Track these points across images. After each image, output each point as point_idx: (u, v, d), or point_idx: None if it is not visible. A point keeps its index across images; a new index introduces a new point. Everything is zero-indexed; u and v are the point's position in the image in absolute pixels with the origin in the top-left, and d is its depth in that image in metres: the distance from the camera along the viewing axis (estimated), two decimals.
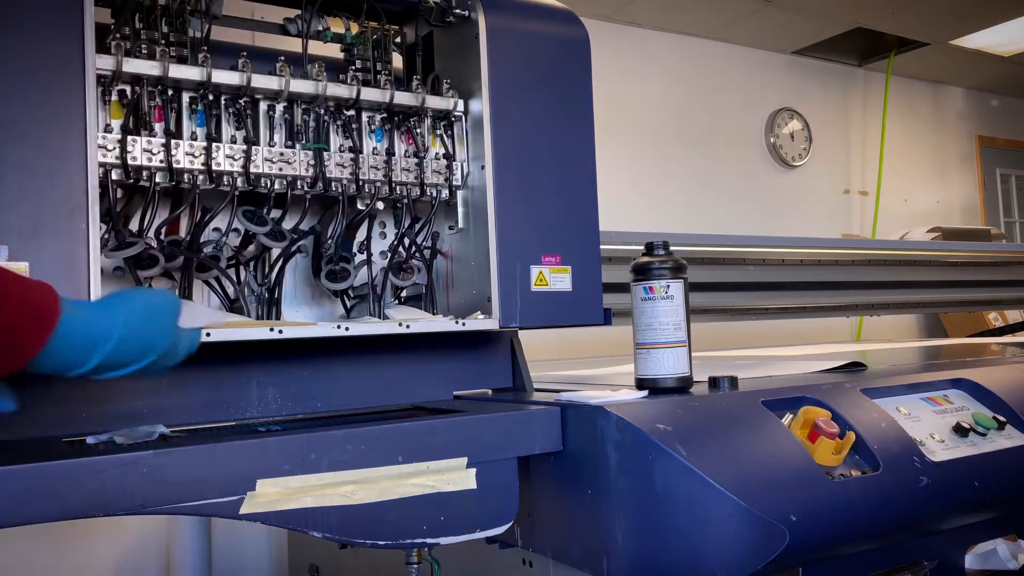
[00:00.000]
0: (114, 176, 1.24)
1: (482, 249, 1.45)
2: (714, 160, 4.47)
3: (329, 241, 1.44)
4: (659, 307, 1.34)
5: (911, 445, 1.29)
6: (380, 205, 1.54)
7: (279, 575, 2.47)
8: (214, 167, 1.29)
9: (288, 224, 1.41)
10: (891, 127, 5.22)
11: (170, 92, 1.29)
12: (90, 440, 1.13)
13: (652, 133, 4.25)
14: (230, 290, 1.40)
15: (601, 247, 1.55)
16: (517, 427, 1.27)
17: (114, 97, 1.24)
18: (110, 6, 1.29)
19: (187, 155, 1.28)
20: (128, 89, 1.26)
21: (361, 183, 1.41)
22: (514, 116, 1.47)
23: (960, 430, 1.37)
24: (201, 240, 1.34)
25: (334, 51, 1.53)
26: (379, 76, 1.48)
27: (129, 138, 1.23)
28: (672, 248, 1.39)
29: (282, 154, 1.35)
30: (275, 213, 1.38)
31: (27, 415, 1.24)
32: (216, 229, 1.40)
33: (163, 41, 1.31)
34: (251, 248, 1.42)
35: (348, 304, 1.52)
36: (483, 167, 1.46)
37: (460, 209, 1.52)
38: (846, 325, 4.58)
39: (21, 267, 1.06)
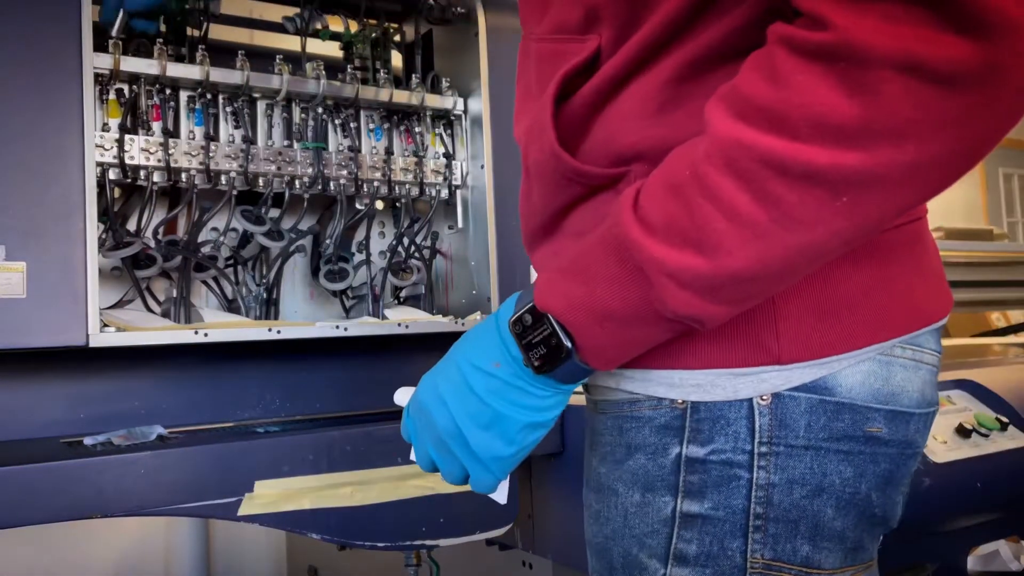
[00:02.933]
0: (111, 175, 1.23)
1: (482, 249, 1.45)
2: None
3: (328, 241, 1.43)
4: None
5: None
6: (379, 205, 1.53)
7: None
8: (212, 166, 1.29)
9: (287, 224, 1.41)
10: None
11: (168, 91, 1.28)
12: (88, 441, 1.13)
13: None
14: (228, 290, 1.39)
15: None
16: None
17: (112, 96, 1.24)
18: None
19: (185, 154, 1.27)
20: (126, 88, 1.25)
21: (360, 182, 1.41)
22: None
23: (962, 431, 1.37)
24: (199, 240, 1.33)
25: (333, 49, 1.52)
26: (378, 75, 1.47)
27: (127, 137, 1.22)
28: None
29: (280, 153, 1.34)
30: (273, 212, 1.38)
31: (25, 416, 1.24)
32: (214, 229, 1.39)
33: (161, 40, 1.30)
34: (249, 248, 1.42)
35: (347, 304, 1.52)
36: (482, 166, 1.45)
37: (459, 209, 1.51)
38: None
39: (18, 267, 1.05)
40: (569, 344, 0.60)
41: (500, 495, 0.72)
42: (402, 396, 0.75)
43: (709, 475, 0.64)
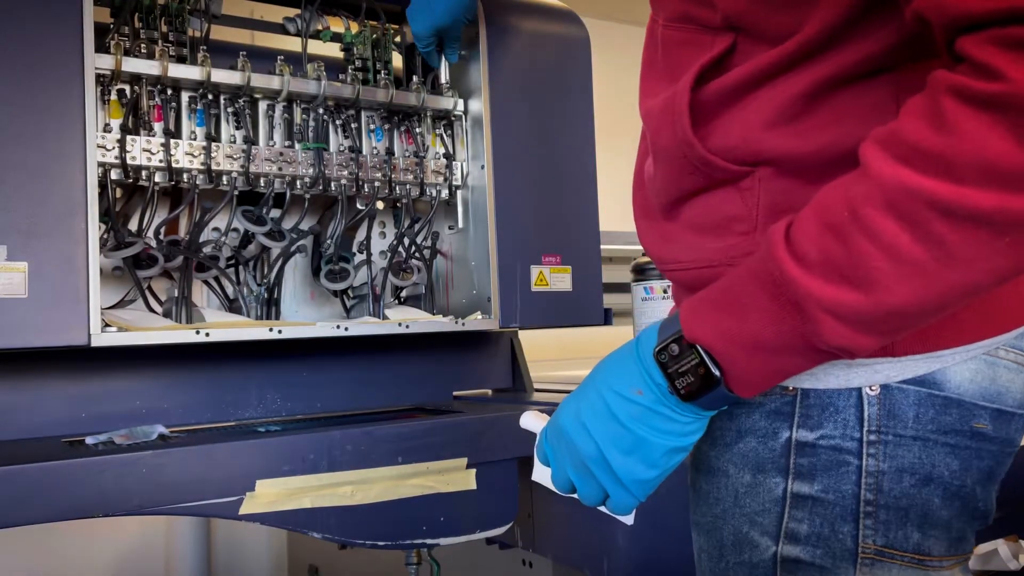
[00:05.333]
0: (113, 176, 1.24)
1: (482, 249, 1.45)
2: None
3: (329, 241, 1.43)
4: (659, 307, 1.34)
5: None
6: (380, 205, 1.54)
7: None
8: (213, 167, 1.29)
9: (288, 224, 1.41)
10: None
11: (169, 91, 1.29)
12: (89, 440, 1.13)
13: None
14: (229, 290, 1.39)
15: (601, 247, 1.55)
16: (517, 427, 1.26)
17: (113, 96, 1.24)
18: (109, 5, 1.29)
19: (186, 155, 1.28)
20: (127, 88, 1.25)
21: (361, 183, 1.41)
22: (514, 116, 1.47)
23: None
24: (200, 240, 1.33)
25: (333, 50, 1.53)
26: (378, 75, 1.47)
27: (128, 138, 1.23)
28: None
29: (281, 154, 1.35)
30: (274, 213, 1.38)
31: (27, 415, 1.24)
32: (215, 229, 1.40)
33: (162, 40, 1.30)
34: (250, 248, 1.42)
35: (348, 304, 1.52)
36: (483, 167, 1.45)
37: (460, 209, 1.51)
38: None
39: (19, 267, 1.06)
40: (718, 373, 0.62)
41: (629, 517, 0.74)
42: (529, 420, 0.78)
43: (819, 459, 0.66)
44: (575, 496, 0.72)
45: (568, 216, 1.51)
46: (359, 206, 1.45)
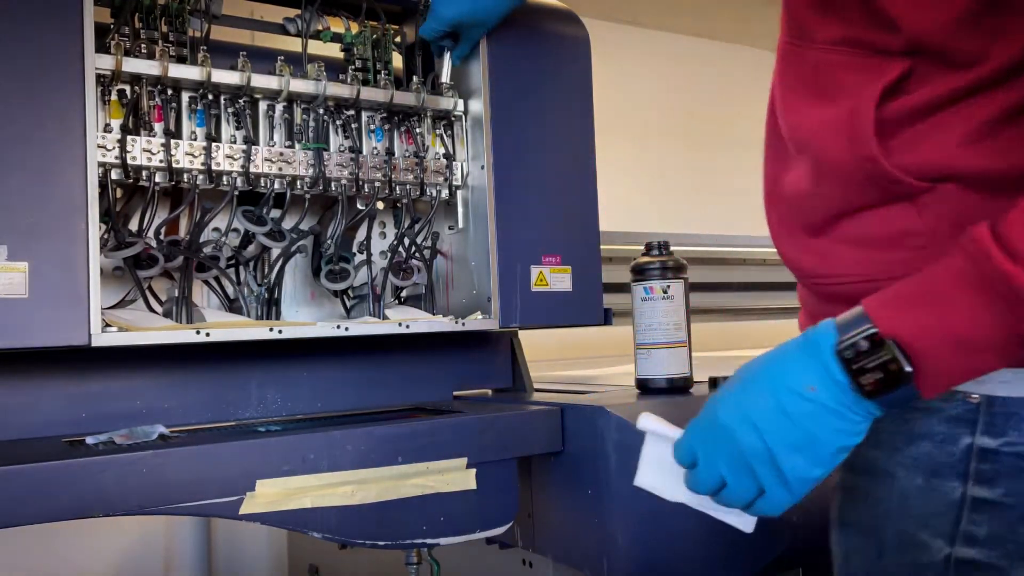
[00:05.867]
0: (113, 176, 1.24)
1: (482, 249, 1.45)
2: (716, 160, 4.47)
3: (329, 241, 1.43)
4: (659, 307, 1.34)
5: None
6: (380, 205, 1.54)
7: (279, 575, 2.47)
8: (214, 167, 1.29)
9: (288, 224, 1.41)
10: None
11: (169, 92, 1.29)
12: (89, 440, 1.13)
13: (653, 133, 4.25)
14: (230, 290, 1.39)
15: (601, 247, 1.55)
16: (517, 427, 1.26)
17: (113, 97, 1.24)
18: (109, 5, 1.29)
19: (187, 155, 1.28)
20: (128, 89, 1.26)
21: (361, 183, 1.41)
22: (514, 116, 1.47)
23: None
24: (201, 240, 1.34)
25: (334, 51, 1.53)
26: (379, 76, 1.47)
27: (129, 138, 1.23)
28: (672, 248, 1.39)
29: (282, 154, 1.35)
30: (275, 213, 1.38)
31: (27, 415, 1.24)
32: (216, 229, 1.40)
33: (162, 40, 1.30)
34: (251, 248, 1.42)
35: (348, 304, 1.52)
36: (483, 167, 1.45)
37: (460, 209, 1.51)
38: None
39: (20, 267, 1.06)
40: (910, 369, 0.63)
41: (751, 524, 0.75)
42: (650, 422, 0.79)
43: (1001, 464, 0.68)
44: (706, 499, 0.73)
45: (568, 216, 1.51)
46: (359, 206, 1.45)
